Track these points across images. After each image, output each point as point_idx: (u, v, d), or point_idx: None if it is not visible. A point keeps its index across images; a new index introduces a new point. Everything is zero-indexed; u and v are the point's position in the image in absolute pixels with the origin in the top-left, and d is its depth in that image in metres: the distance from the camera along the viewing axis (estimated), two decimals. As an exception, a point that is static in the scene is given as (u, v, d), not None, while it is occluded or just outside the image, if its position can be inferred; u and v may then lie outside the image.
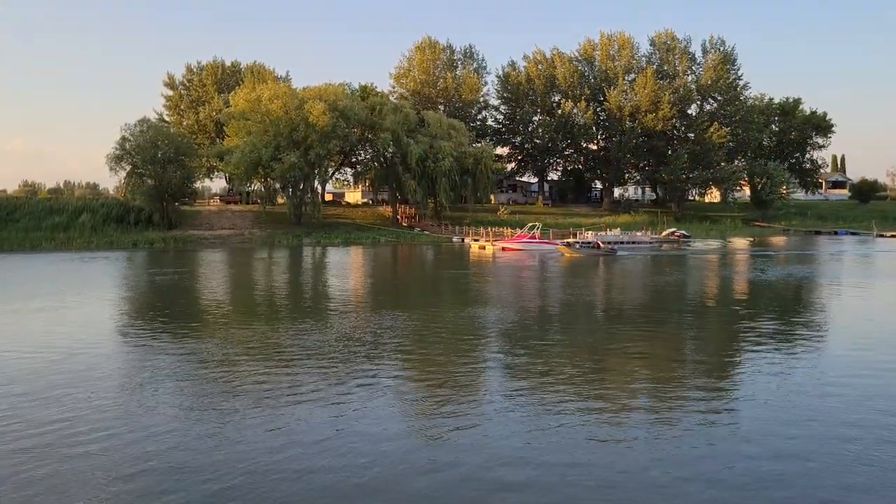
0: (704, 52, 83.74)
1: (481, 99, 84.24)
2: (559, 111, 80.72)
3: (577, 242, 46.84)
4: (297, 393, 11.38)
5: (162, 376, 12.50)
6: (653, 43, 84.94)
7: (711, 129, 78.94)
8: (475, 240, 56.86)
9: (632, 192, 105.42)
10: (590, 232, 58.11)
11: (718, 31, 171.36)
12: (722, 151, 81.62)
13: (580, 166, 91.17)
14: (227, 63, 79.73)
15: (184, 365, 13.45)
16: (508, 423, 9.81)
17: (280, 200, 69.76)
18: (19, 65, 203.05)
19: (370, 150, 72.23)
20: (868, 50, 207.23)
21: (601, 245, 44.89)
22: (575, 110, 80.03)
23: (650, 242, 57.22)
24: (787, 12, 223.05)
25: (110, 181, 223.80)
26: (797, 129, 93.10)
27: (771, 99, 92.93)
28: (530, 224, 52.42)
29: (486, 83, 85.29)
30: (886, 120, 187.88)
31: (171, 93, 78.74)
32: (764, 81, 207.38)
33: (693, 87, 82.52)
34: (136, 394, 11.36)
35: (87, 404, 10.71)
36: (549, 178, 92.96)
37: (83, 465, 8.29)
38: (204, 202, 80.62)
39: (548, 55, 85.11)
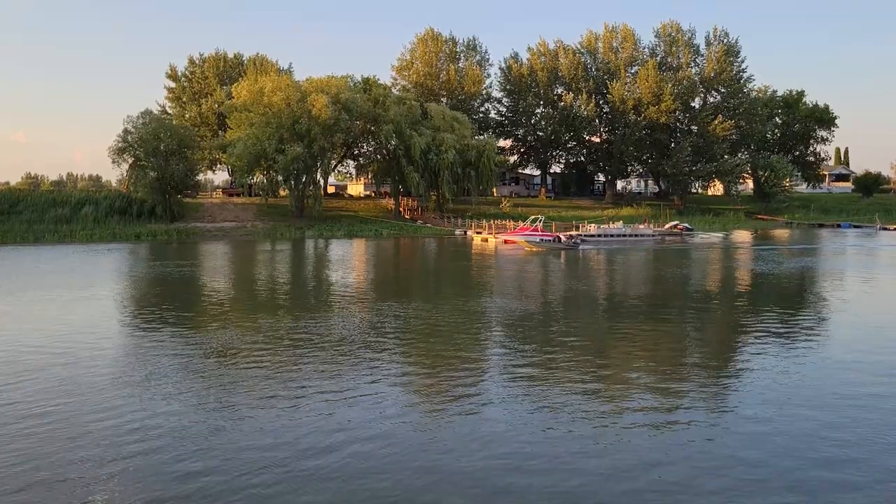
0: (708, 44, 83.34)
1: (484, 91, 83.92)
2: (562, 104, 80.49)
3: (538, 236, 47.08)
4: (315, 385, 11.44)
5: (176, 369, 12.56)
6: (657, 35, 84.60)
7: (716, 122, 78.69)
8: (478, 232, 56.80)
9: (634, 184, 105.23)
10: (592, 225, 58.09)
11: (722, 24, 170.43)
12: (725, 144, 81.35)
13: (583, 159, 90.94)
14: (230, 55, 79.54)
15: (202, 357, 13.50)
16: (518, 416, 9.86)
17: (282, 193, 69.68)
18: (22, 58, 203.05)
19: (373, 143, 72.07)
20: (872, 43, 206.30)
21: (563, 238, 45.42)
22: (578, 103, 79.82)
23: (653, 235, 57.14)
24: (790, 5, 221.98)
25: (113, 173, 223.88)
26: (800, 121, 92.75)
27: (774, 91, 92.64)
28: (532, 217, 52.27)
29: (488, 75, 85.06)
30: (890, 113, 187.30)
31: (173, 85, 78.56)
32: (767, 74, 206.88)
33: (696, 79, 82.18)
34: (153, 387, 11.42)
35: (115, 394, 10.79)
36: (551, 171, 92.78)
37: (123, 460, 8.35)
38: (206, 195, 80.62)
39: (551, 47, 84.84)
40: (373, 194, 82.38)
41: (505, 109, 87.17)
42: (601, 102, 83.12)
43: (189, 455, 8.34)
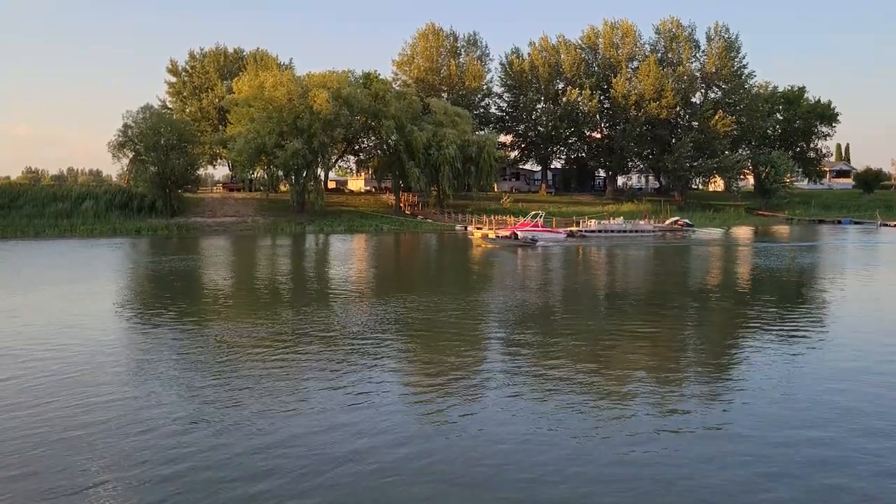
0: (708, 39, 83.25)
1: (485, 86, 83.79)
2: (563, 99, 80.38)
3: (496, 234, 46.99)
4: (319, 381, 11.47)
5: (182, 364, 12.58)
6: (658, 31, 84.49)
7: (716, 118, 78.63)
8: (478, 228, 56.82)
9: (635, 180, 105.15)
10: (592, 220, 58.12)
11: (723, 19, 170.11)
12: (726, 140, 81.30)
13: (583, 154, 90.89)
14: (230, 50, 79.40)
15: (208, 352, 13.52)
16: (516, 410, 9.88)
17: (283, 188, 69.64)
18: (23, 53, 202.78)
19: (373, 138, 71.99)
20: (874, 39, 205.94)
21: (519, 235, 45.25)
22: (579, 98, 79.69)
23: (653, 231, 57.15)
24: (790, 4, 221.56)
25: (113, 168, 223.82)
26: (802, 118, 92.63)
27: (775, 87, 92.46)
28: (533, 212, 52.33)
29: (489, 70, 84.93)
30: (891, 110, 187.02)
31: (174, 79, 78.44)
32: (768, 73, 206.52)
33: (697, 74, 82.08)
34: (163, 381, 11.42)
35: (127, 389, 10.82)
36: (552, 167, 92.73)
37: (122, 454, 8.37)
38: (207, 189, 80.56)
39: (553, 42, 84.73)
40: (373, 189, 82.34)
41: (506, 105, 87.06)
42: (602, 98, 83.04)
43: (193, 450, 8.36)
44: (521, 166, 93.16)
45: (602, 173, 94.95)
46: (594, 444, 8.59)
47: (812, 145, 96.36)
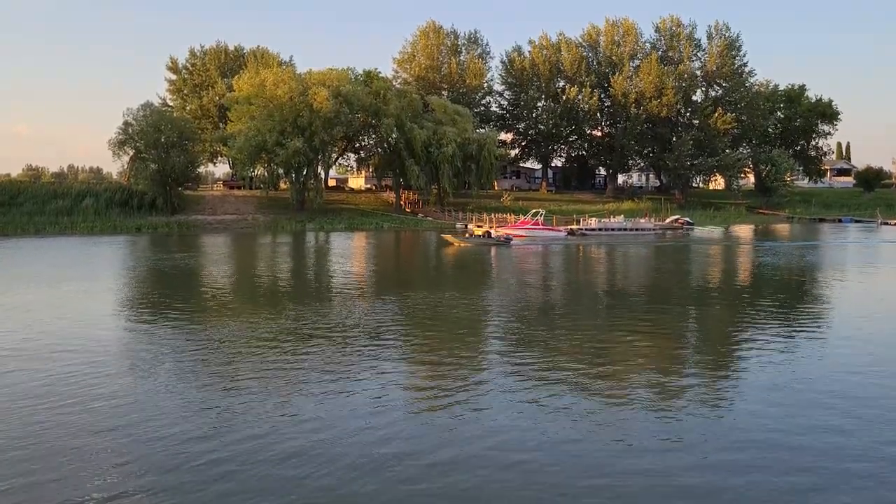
0: (709, 38, 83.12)
1: (485, 84, 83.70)
2: (564, 97, 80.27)
3: (470, 234, 46.88)
4: (318, 378, 11.47)
5: (183, 362, 12.59)
6: (658, 29, 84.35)
7: (716, 116, 78.52)
8: (479, 226, 56.75)
9: (636, 178, 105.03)
10: (593, 218, 58.08)
11: (723, 19, 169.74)
12: (727, 138, 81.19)
13: (584, 153, 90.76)
14: (231, 48, 79.27)
15: (208, 349, 13.53)
16: (526, 414, 9.88)
17: (283, 186, 69.60)
18: (23, 52, 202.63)
19: (374, 136, 71.91)
20: (874, 39, 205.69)
21: (493, 234, 45.06)
22: (580, 96, 79.57)
23: (653, 230, 57.11)
24: (791, 3, 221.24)
25: (114, 166, 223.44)
26: (802, 116, 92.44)
27: (776, 86, 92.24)
28: (533, 211, 52.32)
29: (490, 68, 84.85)
30: (892, 109, 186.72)
31: (174, 77, 78.36)
32: (768, 72, 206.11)
33: (698, 73, 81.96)
34: (163, 378, 11.44)
35: (127, 387, 10.83)
36: (552, 165, 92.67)
37: (137, 457, 8.38)
38: (207, 187, 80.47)
39: (553, 40, 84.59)
40: (374, 187, 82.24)
41: (506, 103, 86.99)
42: (602, 96, 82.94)
43: (193, 443, 8.38)
44: (521, 164, 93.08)
45: (602, 171, 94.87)
46: (599, 445, 8.59)
47: (813, 144, 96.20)
